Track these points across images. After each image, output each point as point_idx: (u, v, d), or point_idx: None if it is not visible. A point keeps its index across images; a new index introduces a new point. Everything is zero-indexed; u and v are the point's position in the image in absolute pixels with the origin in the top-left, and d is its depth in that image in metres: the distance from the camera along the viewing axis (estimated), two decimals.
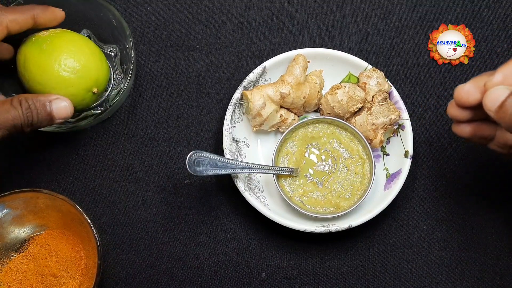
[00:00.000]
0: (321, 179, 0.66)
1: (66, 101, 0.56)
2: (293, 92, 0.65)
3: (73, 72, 0.59)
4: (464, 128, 0.52)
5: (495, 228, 0.68)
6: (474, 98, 0.49)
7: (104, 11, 0.64)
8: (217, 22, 0.71)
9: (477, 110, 0.50)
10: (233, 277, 0.67)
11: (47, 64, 0.58)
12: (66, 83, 0.58)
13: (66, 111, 0.56)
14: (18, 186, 0.62)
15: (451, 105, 0.51)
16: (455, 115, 0.51)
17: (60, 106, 0.56)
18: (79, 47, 0.60)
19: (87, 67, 0.60)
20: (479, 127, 0.51)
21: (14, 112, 0.53)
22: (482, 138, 0.52)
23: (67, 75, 0.58)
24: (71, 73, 0.58)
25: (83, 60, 0.59)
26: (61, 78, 0.58)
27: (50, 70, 0.58)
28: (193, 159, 0.61)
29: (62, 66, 0.58)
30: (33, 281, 0.63)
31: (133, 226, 0.68)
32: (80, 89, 0.60)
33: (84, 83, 0.60)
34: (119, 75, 0.67)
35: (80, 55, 0.59)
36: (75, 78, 0.59)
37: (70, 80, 0.59)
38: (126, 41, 0.65)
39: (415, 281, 0.67)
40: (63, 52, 0.58)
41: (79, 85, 0.59)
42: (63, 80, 0.58)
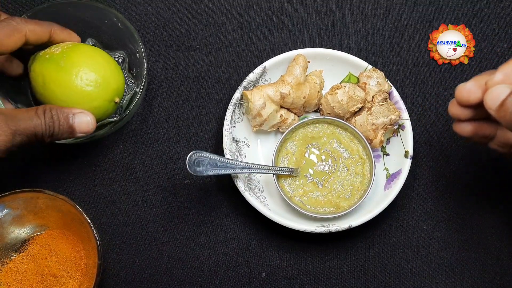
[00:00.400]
0: (321, 179, 0.66)
1: (89, 116, 0.56)
2: (293, 92, 0.65)
3: (95, 85, 0.58)
4: (465, 127, 0.52)
5: (495, 228, 0.68)
6: (475, 97, 0.49)
7: (108, 17, 0.64)
8: (217, 22, 0.71)
9: (478, 109, 0.50)
10: (233, 277, 0.67)
11: (69, 81, 0.57)
12: (89, 97, 0.58)
13: (88, 126, 0.56)
14: (18, 186, 0.62)
15: (452, 103, 0.51)
16: (456, 114, 0.51)
17: (83, 120, 0.56)
18: (95, 59, 0.60)
19: (106, 78, 0.59)
20: (480, 126, 0.51)
21: (36, 120, 0.53)
22: (483, 137, 0.52)
23: (90, 89, 0.58)
24: (93, 87, 0.58)
25: (102, 72, 0.59)
26: (84, 93, 0.58)
27: (72, 86, 0.58)
28: (193, 159, 0.61)
29: (84, 80, 0.58)
30: (33, 281, 0.63)
31: (133, 226, 0.68)
32: (103, 100, 0.59)
33: (106, 94, 0.59)
34: (130, 81, 0.67)
35: (98, 67, 0.59)
36: (98, 91, 0.59)
37: (93, 94, 0.58)
38: (135, 45, 0.64)
39: (415, 281, 0.67)
40: (82, 67, 0.58)
41: (102, 97, 0.59)
42: (86, 95, 0.58)
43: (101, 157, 0.69)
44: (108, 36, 0.66)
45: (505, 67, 0.47)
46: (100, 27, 0.65)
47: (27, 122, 0.53)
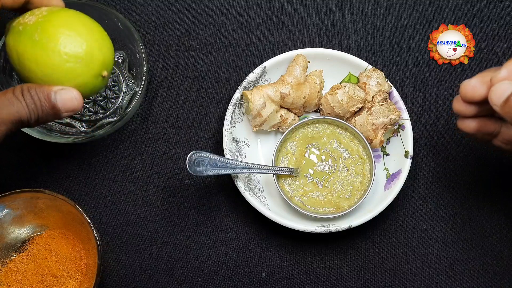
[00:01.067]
0: (321, 179, 0.66)
1: (73, 92, 0.49)
2: (293, 92, 0.65)
3: (77, 60, 0.50)
4: (469, 123, 0.52)
5: (495, 228, 0.68)
6: (480, 93, 0.49)
7: (108, 17, 0.64)
8: (217, 22, 0.71)
9: (482, 105, 0.50)
10: (233, 277, 0.67)
11: (46, 57, 0.50)
12: (72, 74, 0.50)
13: (73, 102, 0.49)
14: (18, 186, 0.62)
15: (457, 100, 0.51)
16: (460, 110, 0.51)
17: (66, 98, 0.49)
18: (75, 29, 0.51)
19: (90, 50, 0.51)
20: (484, 123, 0.51)
21: (18, 104, 0.47)
22: (487, 134, 0.52)
23: (71, 65, 0.50)
24: (75, 62, 0.50)
25: (84, 44, 0.51)
26: (66, 70, 0.50)
27: (50, 64, 0.50)
28: (193, 159, 0.61)
29: (63, 56, 0.50)
30: (33, 281, 0.63)
31: (133, 226, 0.68)
32: (88, 76, 0.52)
33: (91, 69, 0.52)
34: (129, 81, 0.66)
35: (79, 38, 0.51)
36: (81, 67, 0.51)
37: (75, 70, 0.50)
38: (135, 45, 0.64)
39: (415, 281, 0.67)
40: (59, 40, 0.50)
41: (87, 73, 0.51)
42: (68, 72, 0.50)
43: (101, 157, 0.69)
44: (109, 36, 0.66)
45: (510, 64, 0.47)
46: None
47: (8, 108, 0.47)
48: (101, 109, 0.67)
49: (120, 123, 0.63)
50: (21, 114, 0.48)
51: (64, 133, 0.65)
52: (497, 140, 0.52)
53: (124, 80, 0.68)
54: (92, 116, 0.67)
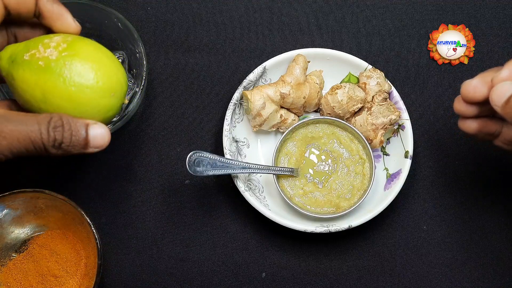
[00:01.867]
0: (321, 179, 0.66)
1: (104, 129, 0.48)
2: (293, 92, 0.65)
3: (110, 94, 0.49)
4: (470, 124, 0.52)
5: (495, 228, 0.68)
6: (481, 94, 0.49)
7: (108, 17, 0.64)
8: (217, 22, 0.71)
9: (483, 105, 0.50)
10: (233, 277, 0.67)
11: (81, 94, 0.47)
12: (105, 108, 0.49)
13: (103, 139, 0.48)
14: (18, 186, 0.62)
15: (458, 100, 0.51)
16: (461, 111, 0.51)
17: (97, 133, 0.47)
18: (101, 61, 0.49)
19: (119, 81, 0.50)
20: (485, 123, 0.51)
21: (33, 125, 0.45)
22: (488, 134, 0.52)
23: (106, 100, 0.49)
24: (109, 97, 0.49)
25: (114, 77, 0.50)
26: (100, 105, 0.49)
27: (86, 100, 0.48)
28: (193, 159, 0.61)
29: (99, 92, 0.48)
30: (33, 281, 0.63)
31: (133, 226, 0.68)
32: (117, 108, 0.51)
33: (120, 100, 0.51)
34: (129, 81, 0.66)
35: (109, 71, 0.49)
36: (114, 100, 0.50)
37: (110, 103, 0.49)
38: (135, 45, 0.64)
39: (415, 281, 0.67)
40: (94, 75, 0.48)
41: (117, 105, 0.51)
42: (102, 107, 0.49)
43: (101, 157, 0.69)
44: (108, 36, 0.66)
45: (511, 64, 0.47)
46: (100, 27, 0.65)
47: (18, 125, 0.44)
48: None
49: (120, 123, 0.63)
50: (32, 136, 0.45)
51: None
52: (498, 141, 0.53)
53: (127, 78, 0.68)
54: None
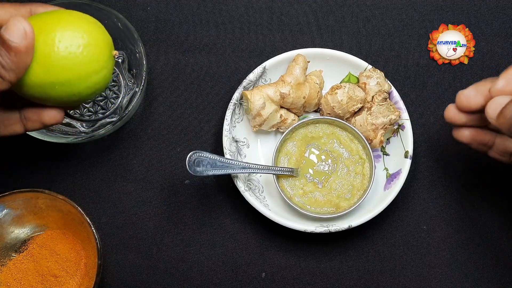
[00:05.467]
0: (321, 179, 0.66)
1: (22, 23, 0.45)
2: (293, 92, 0.65)
3: (83, 48, 0.48)
4: (463, 132, 0.54)
5: (495, 228, 0.68)
6: (475, 103, 0.51)
7: (108, 17, 0.64)
8: (217, 22, 0.71)
9: (476, 115, 0.52)
10: (233, 277, 0.67)
11: (55, 61, 0.47)
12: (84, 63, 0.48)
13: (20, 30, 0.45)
14: (18, 186, 0.62)
15: (448, 109, 0.53)
16: (451, 119, 0.53)
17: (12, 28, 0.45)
18: (72, 21, 0.49)
19: (100, 30, 0.50)
20: (478, 133, 0.53)
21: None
22: (481, 144, 0.54)
23: (80, 56, 0.48)
24: (93, 46, 0.48)
25: (90, 29, 0.49)
26: (78, 62, 0.48)
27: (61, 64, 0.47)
28: (193, 159, 0.61)
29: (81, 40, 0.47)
30: (33, 281, 0.63)
31: (133, 226, 0.68)
32: (106, 57, 0.50)
33: (105, 49, 0.50)
34: (129, 81, 0.67)
35: (84, 25, 0.49)
36: (91, 53, 0.49)
37: (86, 58, 0.48)
38: (135, 45, 0.64)
39: (415, 281, 0.67)
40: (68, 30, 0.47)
41: (104, 54, 0.50)
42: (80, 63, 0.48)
43: (101, 157, 0.69)
44: None
45: (506, 74, 0.49)
46: None
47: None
48: (101, 109, 0.68)
49: (120, 123, 0.63)
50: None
51: (64, 133, 0.65)
52: (492, 152, 0.54)
53: (124, 80, 0.68)
54: (92, 116, 0.67)
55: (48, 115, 0.51)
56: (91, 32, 0.49)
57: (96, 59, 0.49)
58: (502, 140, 0.53)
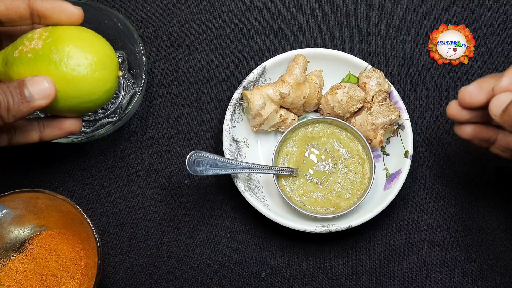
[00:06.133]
0: (321, 179, 0.66)
1: (45, 79, 0.48)
2: (293, 92, 0.65)
3: (102, 67, 0.51)
4: (465, 129, 0.53)
5: (495, 228, 0.68)
6: (477, 100, 0.50)
7: (108, 17, 0.64)
8: (217, 22, 0.71)
9: (478, 112, 0.51)
10: (233, 277, 0.67)
11: (75, 74, 0.50)
12: (101, 81, 0.51)
13: (45, 90, 0.48)
14: (18, 186, 0.62)
15: (450, 106, 0.53)
16: (454, 116, 0.53)
17: (36, 83, 0.48)
18: (86, 38, 0.52)
19: (107, 54, 0.53)
20: (480, 129, 0.53)
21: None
22: (483, 140, 0.53)
23: (99, 74, 0.51)
24: (101, 70, 0.51)
25: (101, 50, 0.52)
26: (96, 80, 0.51)
27: (81, 78, 0.50)
28: (193, 159, 0.61)
29: (92, 67, 0.50)
30: (33, 281, 0.63)
31: (133, 226, 0.68)
32: (112, 80, 0.53)
33: (113, 72, 0.53)
34: (129, 81, 0.67)
35: (95, 46, 0.52)
36: (107, 72, 0.52)
37: (104, 76, 0.51)
38: (135, 45, 0.64)
39: (415, 281, 0.67)
40: (82, 53, 0.50)
41: (111, 77, 0.52)
42: (98, 81, 0.51)
43: (101, 157, 0.69)
44: (108, 36, 0.66)
45: (510, 72, 0.48)
46: (100, 27, 0.65)
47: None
48: (101, 109, 0.68)
49: (120, 123, 0.63)
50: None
51: None
52: (494, 148, 0.54)
53: (124, 80, 0.68)
54: (92, 116, 0.67)
55: (69, 123, 0.54)
56: (108, 54, 0.53)
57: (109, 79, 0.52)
58: (504, 136, 0.53)
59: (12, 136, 0.52)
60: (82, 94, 0.50)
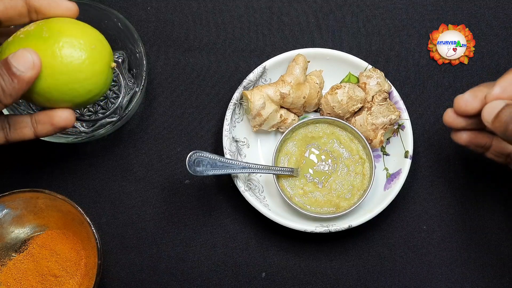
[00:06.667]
0: (321, 179, 0.66)
1: (25, 51, 0.48)
2: (293, 92, 0.65)
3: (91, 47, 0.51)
4: (461, 135, 0.55)
5: (495, 228, 0.68)
6: (472, 107, 0.52)
7: (108, 17, 0.64)
8: (217, 22, 0.71)
9: (474, 119, 0.54)
10: (233, 277, 0.67)
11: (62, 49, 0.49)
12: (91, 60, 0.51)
13: (29, 60, 0.47)
14: (18, 186, 0.62)
15: (447, 113, 0.55)
16: (450, 123, 0.55)
17: (18, 54, 0.47)
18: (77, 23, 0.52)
19: (99, 38, 0.53)
20: (475, 136, 0.55)
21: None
22: (478, 146, 0.56)
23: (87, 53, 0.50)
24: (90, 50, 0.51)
25: (93, 33, 0.52)
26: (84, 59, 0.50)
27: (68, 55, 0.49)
28: (193, 159, 0.61)
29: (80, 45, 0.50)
30: (33, 281, 0.63)
31: (133, 226, 0.68)
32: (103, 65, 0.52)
33: (104, 57, 0.52)
34: (129, 81, 0.67)
35: (86, 29, 0.52)
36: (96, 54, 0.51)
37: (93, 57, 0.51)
38: (135, 45, 0.64)
39: (415, 281, 0.67)
40: (72, 32, 0.50)
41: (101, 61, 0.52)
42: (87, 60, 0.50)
43: (101, 157, 0.69)
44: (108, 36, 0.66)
45: (502, 81, 0.50)
46: (100, 27, 0.65)
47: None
48: (101, 109, 0.68)
49: (120, 123, 0.63)
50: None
51: (64, 133, 0.65)
52: (489, 153, 0.57)
53: (124, 80, 0.68)
54: (92, 116, 0.67)
55: (59, 116, 0.52)
56: (98, 43, 0.52)
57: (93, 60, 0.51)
58: (498, 142, 0.55)
59: (7, 133, 0.52)
60: (69, 70, 0.50)
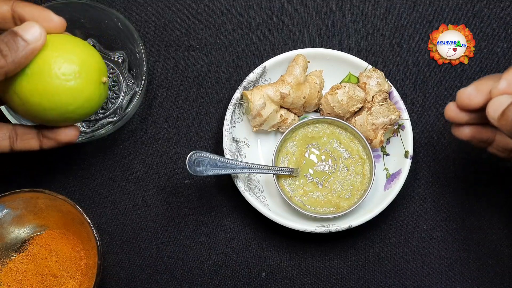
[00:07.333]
0: (321, 179, 0.66)
1: (34, 23, 0.48)
2: (293, 92, 0.65)
3: (76, 76, 0.50)
4: (463, 130, 0.53)
5: (495, 228, 0.68)
6: (475, 101, 0.50)
7: (108, 17, 0.64)
8: (217, 22, 0.71)
9: (476, 113, 0.51)
10: (233, 277, 0.67)
11: (46, 85, 0.49)
12: (76, 90, 0.50)
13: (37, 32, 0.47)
14: (18, 186, 0.62)
15: (448, 108, 0.52)
16: (452, 117, 0.53)
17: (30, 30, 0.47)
18: (60, 47, 0.51)
19: (83, 62, 0.51)
20: (478, 130, 0.53)
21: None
22: (481, 141, 0.53)
23: (72, 83, 0.50)
24: (75, 79, 0.50)
25: (76, 58, 0.50)
26: (70, 89, 0.50)
27: (53, 89, 0.49)
28: (193, 159, 0.61)
29: (61, 78, 0.49)
30: (33, 281, 0.63)
31: (133, 226, 0.68)
32: (92, 88, 0.51)
33: (91, 79, 0.51)
34: (129, 81, 0.67)
35: (69, 55, 0.50)
36: (82, 81, 0.50)
37: (78, 85, 0.50)
38: (135, 45, 0.64)
39: (415, 281, 0.67)
40: (51, 64, 0.49)
41: (89, 85, 0.51)
42: (72, 90, 0.50)
43: (101, 157, 0.69)
44: (108, 36, 0.66)
45: (508, 75, 0.48)
46: (100, 28, 0.65)
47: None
48: (101, 109, 0.68)
49: (120, 123, 0.63)
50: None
51: None
52: (492, 148, 0.54)
53: (124, 80, 0.68)
54: (92, 116, 0.67)
55: (65, 134, 0.54)
56: (85, 60, 0.51)
57: (87, 88, 0.51)
58: (502, 137, 0.53)
59: (13, 143, 0.53)
60: (57, 106, 0.50)
